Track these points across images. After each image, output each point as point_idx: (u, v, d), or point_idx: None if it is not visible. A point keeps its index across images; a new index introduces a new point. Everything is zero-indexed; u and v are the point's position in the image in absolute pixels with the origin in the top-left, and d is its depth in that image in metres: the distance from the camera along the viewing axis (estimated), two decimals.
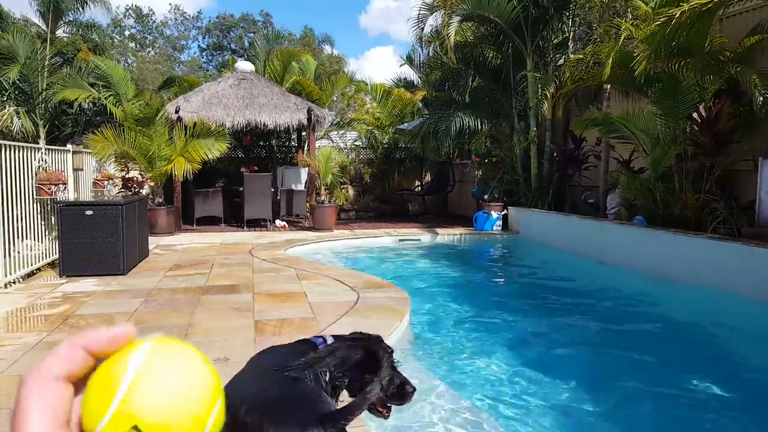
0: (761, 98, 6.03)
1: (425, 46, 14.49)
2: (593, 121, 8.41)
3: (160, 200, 9.42)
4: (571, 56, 9.48)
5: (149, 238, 7.31)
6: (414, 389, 1.44)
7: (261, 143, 13.75)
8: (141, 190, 8.83)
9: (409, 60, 15.96)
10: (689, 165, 6.99)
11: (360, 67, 60.88)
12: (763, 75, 6.15)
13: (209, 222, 10.37)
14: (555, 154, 10.09)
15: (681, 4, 5.92)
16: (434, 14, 10.54)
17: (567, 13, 10.09)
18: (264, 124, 10.09)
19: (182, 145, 9.16)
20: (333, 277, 5.59)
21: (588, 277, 7.10)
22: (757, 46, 6.58)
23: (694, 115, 6.76)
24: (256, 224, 10.29)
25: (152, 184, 9.32)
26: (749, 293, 5.10)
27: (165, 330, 3.81)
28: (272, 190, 10.45)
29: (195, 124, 9.29)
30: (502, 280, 7.43)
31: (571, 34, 10.32)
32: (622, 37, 7.50)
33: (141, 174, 9.07)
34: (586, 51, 8.50)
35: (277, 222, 10.31)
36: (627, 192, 7.89)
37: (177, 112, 9.66)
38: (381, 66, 56.67)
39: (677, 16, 5.87)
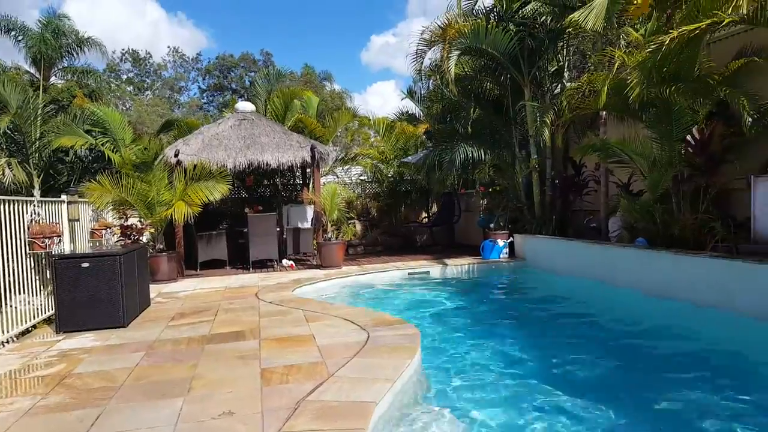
0: (750, 119, 6.22)
1: (425, 79, 14.70)
2: (591, 147, 8.50)
3: (161, 246, 9.40)
4: (568, 85, 9.62)
5: (150, 286, 7.27)
6: None
7: (265, 182, 13.88)
8: (141, 238, 8.82)
9: (410, 94, 16.20)
10: (686, 186, 7.14)
11: (364, 101, 61.79)
12: (751, 97, 6.35)
13: (214, 265, 10.39)
14: (556, 181, 10.19)
15: (670, 31, 6.03)
16: (432, 48, 10.74)
17: (561, 43, 10.28)
18: (267, 163, 10.21)
19: (182, 188, 9.23)
20: (342, 317, 5.59)
21: (595, 301, 7.14)
22: (743, 69, 6.79)
23: (688, 137, 6.93)
24: (262, 265, 10.32)
25: (152, 230, 9.34)
26: (751, 312, 5.23)
27: (167, 385, 3.80)
28: (278, 229, 10.51)
29: (195, 166, 9.37)
30: (511, 309, 7.40)
31: (566, 63, 10.48)
32: (616, 65, 7.62)
33: (140, 221, 9.09)
34: (582, 80, 8.63)
35: (284, 262, 10.34)
36: (628, 215, 7.99)
37: (176, 155, 9.75)
38: (384, 100, 57.51)
39: (667, 42, 5.95)
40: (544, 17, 9.96)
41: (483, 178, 12.41)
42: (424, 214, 15.45)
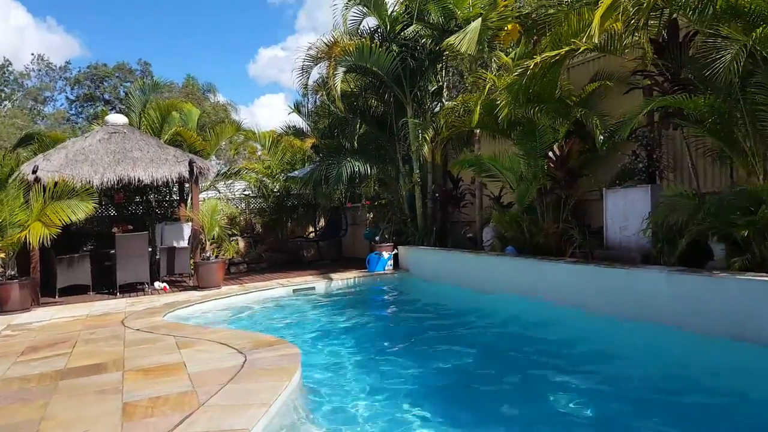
0: (601, 137, 6.93)
1: (312, 95, 14.65)
2: (467, 162, 8.99)
3: (13, 272, 8.31)
4: (446, 104, 10.10)
5: None
6: None
7: (137, 199, 12.94)
8: None
9: (297, 108, 16.03)
10: (548, 198, 7.77)
11: (251, 114, 60.18)
12: (602, 117, 7.07)
13: (76, 291, 9.40)
14: (437, 194, 10.65)
15: (535, 56, 6.53)
16: (319, 65, 10.75)
17: (440, 65, 10.79)
18: (138, 179, 9.52)
19: (39, 208, 8.27)
20: (218, 341, 5.28)
21: (474, 307, 7.39)
22: (597, 92, 7.56)
23: (550, 153, 7.50)
24: (131, 289, 9.51)
25: (3, 255, 8.25)
26: (604, 309, 5.80)
27: (9, 430, 3.33)
28: (150, 249, 9.80)
29: (56, 184, 8.48)
30: (395, 321, 7.53)
31: (445, 83, 11.00)
32: (487, 87, 8.11)
33: None
34: (457, 100, 9.13)
35: (156, 284, 9.64)
36: (499, 225, 8.54)
37: (34, 172, 8.80)
38: (272, 113, 56.60)
39: (531, 66, 6.46)
40: (424, 39, 10.42)
41: (369, 192, 12.61)
42: (311, 229, 15.30)
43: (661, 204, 5.84)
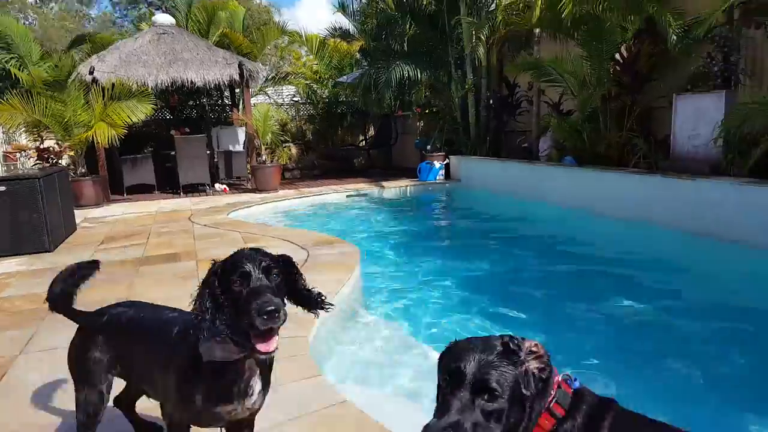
0: (674, 36, 6.34)
1: None
2: (525, 65, 8.55)
3: (84, 170, 8.86)
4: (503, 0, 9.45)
5: (75, 211, 6.90)
6: None
7: (191, 103, 13.12)
8: (59, 161, 8.27)
9: (342, 8, 15.38)
10: (613, 105, 7.30)
11: (293, 17, 58.36)
12: (677, 13, 6.46)
13: (141, 190, 9.95)
14: (491, 101, 10.22)
15: None
16: None
17: None
18: (191, 81, 9.62)
19: (101, 109, 8.60)
20: (281, 237, 5.54)
21: (523, 216, 7.42)
22: None
23: (617, 56, 6.99)
24: (194, 189, 9.97)
25: (72, 153, 8.70)
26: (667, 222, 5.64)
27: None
28: (208, 152, 10.08)
29: (113, 85, 8.70)
30: (445, 225, 7.63)
31: None
32: None
33: (58, 143, 8.45)
34: None
35: (217, 186, 10.02)
36: (557, 134, 8.18)
37: (91, 73, 9.00)
38: (316, 15, 54.56)
39: None
40: None
41: (419, 100, 12.31)
42: (362, 137, 15.28)
43: (736, 111, 5.43)
